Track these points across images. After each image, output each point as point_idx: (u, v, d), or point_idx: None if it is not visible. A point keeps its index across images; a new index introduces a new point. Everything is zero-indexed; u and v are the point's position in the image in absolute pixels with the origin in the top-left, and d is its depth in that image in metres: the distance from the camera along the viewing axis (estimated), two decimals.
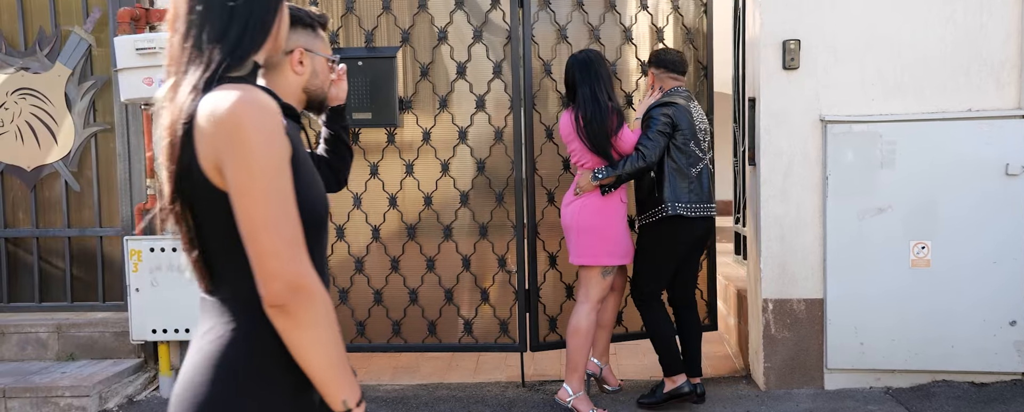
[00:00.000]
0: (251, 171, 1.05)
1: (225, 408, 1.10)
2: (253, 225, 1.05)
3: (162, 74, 3.83)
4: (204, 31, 1.13)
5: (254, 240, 1.06)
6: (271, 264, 1.05)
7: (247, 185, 1.05)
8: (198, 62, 1.11)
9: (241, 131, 1.05)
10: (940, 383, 3.41)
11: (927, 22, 3.34)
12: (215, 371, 1.10)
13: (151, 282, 3.55)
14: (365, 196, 3.61)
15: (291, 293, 1.05)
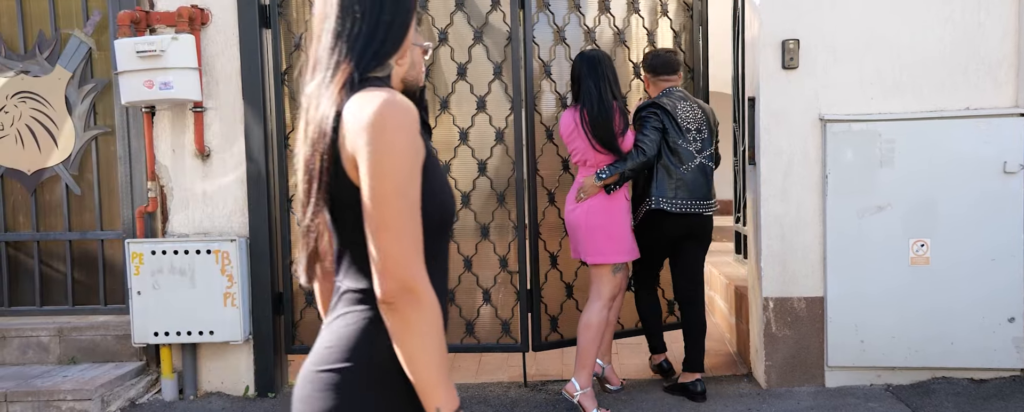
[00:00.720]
0: (383, 172, 1.09)
1: (355, 388, 1.15)
2: (376, 224, 1.10)
3: (162, 77, 3.73)
4: (351, 33, 1.19)
5: (375, 238, 1.11)
6: (387, 263, 1.09)
7: (377, 185, 1.10)
8: (345, 63, 1.18)
9: (381, 133, 1.10)
10: (940, 380, 3.43)
11: (926, 21, 3.36)
12: (348, 353, 1.16)
13: (153, 285, 3.55)
14: None
15: (401, 294, 1.09)
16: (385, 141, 1.09)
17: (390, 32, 1.21)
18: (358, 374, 1.15)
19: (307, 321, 3.68)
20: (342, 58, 1.18)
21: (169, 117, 3.66)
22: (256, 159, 3.60)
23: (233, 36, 3.58)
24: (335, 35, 1.19)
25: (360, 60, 1.18)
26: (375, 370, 1.15)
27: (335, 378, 1.15)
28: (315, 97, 1.18)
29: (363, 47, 1.19)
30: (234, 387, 3.70)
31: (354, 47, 1.19)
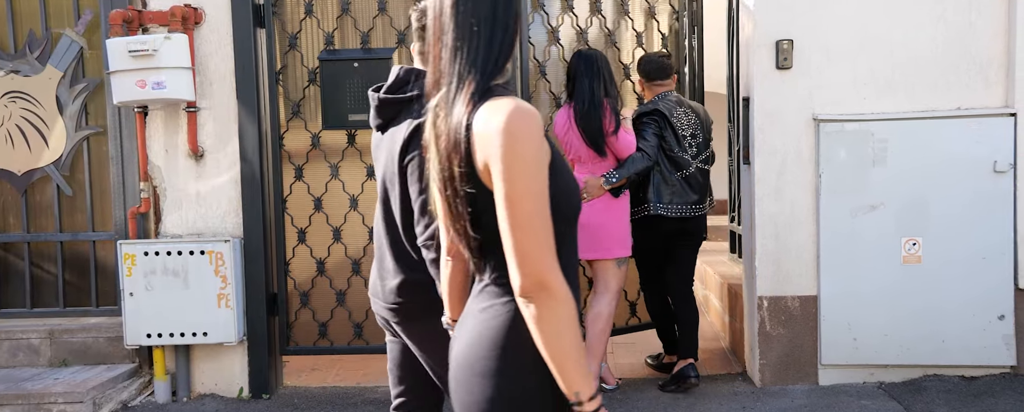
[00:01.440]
0: (515, 176, 1.18)
1: (502, 376, 1.25)
2: (511, 224, 1.19)
3: (154, 77, 3.71)
4: (471, 47, 1.27)
5: (511, 237, 1.19)
6: (522, 261, 1.18)
7: (510, 188, 1.18)
8: (469, 75, 1.26)
9: (511, 140, 1.18)
10: (931, 377, 3.47)
11: (918, 21, 3.40)
12: (493, 343, 1.27)
13: (145, 286, 3.52)
14: (362, 198, 3.61)
15: (536, 289, 1.18)
16: (516, 147, 1.18)
17: (504, 41, 1.29)
18: (513, 361, 1.25)
19: (302, 322, 3.67)
20: (465, 71, 1.26)
21: (162, 117, 3.64)
22: (250, 159, 3.58)
23: (227, 36, 3.56)
24: (454, 50, 1.27)
25: (483, 71, 1.26)
26: (527, 355, 1.23)
27: (492, 365, 1.26)
28: (442, 108, 1.27)
29: (484, 59, 1.27)
30: (228, 389, 3.68)
31: (475, 60, 1.26)
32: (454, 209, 1.28)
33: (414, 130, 1.79)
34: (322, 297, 3.66)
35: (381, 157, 1.93)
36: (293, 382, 3.86)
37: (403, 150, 1.82)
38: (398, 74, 1.90)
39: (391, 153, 1.88)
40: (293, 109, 3.62)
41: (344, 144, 3.60)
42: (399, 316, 1.90)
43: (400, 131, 1.85)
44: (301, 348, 3.69)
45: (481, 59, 1.27)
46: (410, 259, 1.86)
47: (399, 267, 1.88)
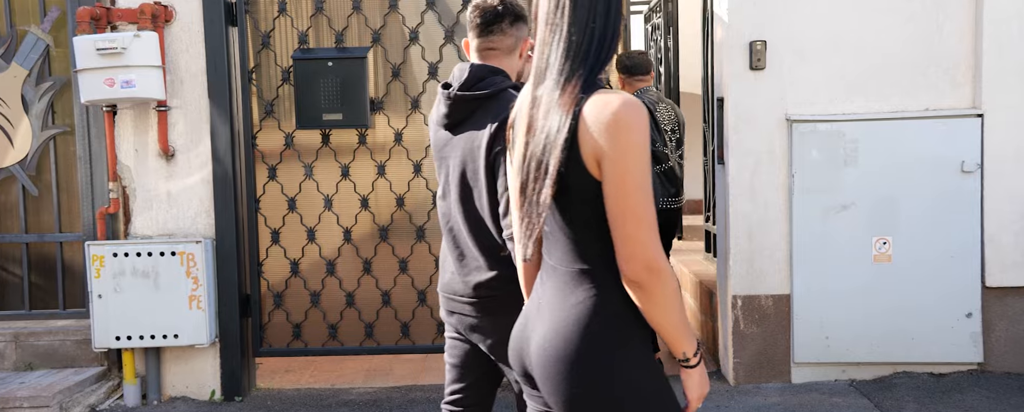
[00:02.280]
0: (628, 166, 1.25)
1: (602, 357, 1.32)
2: (623, 213, 1.25)
3: (123, 75, 3.67)
4: (583, 45, 1.32)
5: (622, 225, 1.26)
6: (634, 248, 1.25)
7: (623, 178, 1.25)
8: (583, 66, 1.31)
9: (626, 132, 1.25)
10: (901, 374, 3.52)
11: (888, 23, 3.44)
12: (587, 329, 1.32)
13: (114, 288, 3.46)
14: (336, 198, 3.58)
15: (647, 273, 1.26)
16: (629, 139, 1.25)
17: (612, 41, 1.34)
18: (606, 341, 1.32)
19: (275, 323, 3.63)
20: (576, 67, 1.31)
21: (131, 116, 3.58)
22: (223, 159, 3.53)
23: (198, 34, 3.51)
24: (567, 46, 1.32)
25: (594, 65, 1.32)
26: (616, 334, 1.32)
27: (586, 347, 1.31)
28: (545, 101, 1.32)
29: (595, 57, 1.32)
30: (200, 391, 3.63)
31: (586, 58, 1.31)
32: (537, 198, 1.31)
33: (499, 126, 1.82)
34: (296, 298, 3.62)
35: (455, 155, 1.93)
36: (267, 384, 3.82)
37: (490, 146, 1.84)
38: (471, 71, 1.89)
39: (472, 150, 1.88)
40: (266, 108, 3.58)
41: (318, 144, 3.57)
42: (480, 310, 1.91)
43: (483, 126, 1.86)
44: (275, 350, 3.65)
45: (593, 53, 1.32)
46: (497, 254, 1.88)
47: (486, 262, 1.88)
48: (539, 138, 1.31)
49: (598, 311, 1.33)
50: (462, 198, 1.92)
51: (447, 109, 1.92)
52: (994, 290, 3.46)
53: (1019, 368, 3.51)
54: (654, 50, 5.78)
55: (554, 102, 1.30)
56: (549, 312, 1.37)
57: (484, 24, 1.90)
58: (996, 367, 3.52)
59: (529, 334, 1.42)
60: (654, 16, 6.00)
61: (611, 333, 1.33)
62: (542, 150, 1.30)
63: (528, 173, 1.33)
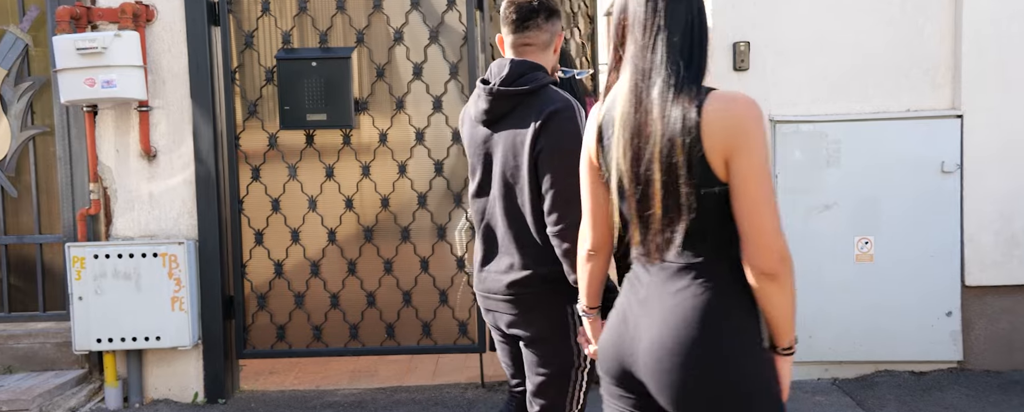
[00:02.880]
0: (757, 161, 1.31)
1: (728, 347, 1.35)
2: (756, 206, 1.31)
3: (104, 75, 3.64)
4: (692, 48, 1.37)
5: (756, 217, 1.31)
6: (768, 239, 1.30)
7: (754, 173, 1.31)
8: (693, 65, 1.36)
9: (755, 127, 1.32)
10: (882, 373, 3.55)
11: (870, 25, 3.48)
12: (713, 318, 1.35)
13: (95, 290, 3.42)
14: (321, 198, 3.56)
15: (780, 263, 1.31)
16: (759, 133, 1.32)
17: (707, 40, 1.40)
18: (731, 330, 1.36)
19: (259, 325, 3.61)
20: (686, 66, 1.36)
21: (112, 116, 3.54)
22: (205, 160, 3.51)
23: (180, 34, 3.48)
24: (670, 47, 1.36)
25: (702, 64, 1.38)
26: (738, 324, 1.36)
27: (713, 337, 1.35)
28: (658, 102, 1.35)
29: (700, 56, 1.37)
30: (182, 394, 3.60)
31: (692, 57, 1.37)
32: (671, 194, 1.34)
33: (543, 123, 1.83)
34: (280, 299, 3.60)
35: (495, 152, 1.93)
36: (250, 386, 3.80)
37: (533, 143, 1.84)
38: (511, 66, 1.90)
39: (514, 147, 1.88)
40: (250, 109, 3.55)
41: (303, 144, 3.55)
42: (518, 307, 1.93)
43: (526, 122, 1.86)
44: (258, 351, 3.63)
45: (697, 53, 1.37)
46: (537, 251, 1.89)
47: (522, 260, 1.90)
48: (660, 139, 1.34)
49: (720, 301, 1.36)
50: (503, 195, 1.92)
51: (488, 104, 1.91)
52: (974, 289, 3.50)
53: (998, 366, 3.56)
54: None
55: (670, 102, 1.34)
56: (664, 306, 1.39)
57: (520, 20, 1.92)
58: (975, 365, 3.56)
59: (635, 332, 1.42)
60: None
61: (734, 323, 1.37)
62: (669, 150, 1.33)
63: (648, 173, 1.36)
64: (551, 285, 1.89)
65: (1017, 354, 3.55)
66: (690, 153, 1.32)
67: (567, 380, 1.95)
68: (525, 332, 1.95)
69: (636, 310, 1.43)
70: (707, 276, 1.37)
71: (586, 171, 1.55)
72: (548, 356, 1.94)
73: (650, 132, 1.35)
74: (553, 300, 1.89)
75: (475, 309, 3.58)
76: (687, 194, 1.34)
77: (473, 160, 2.00)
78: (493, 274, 1.96)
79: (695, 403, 1.36)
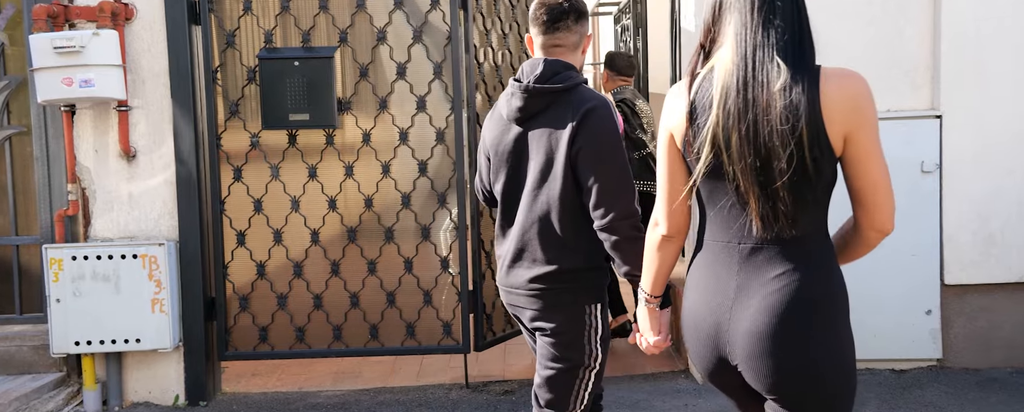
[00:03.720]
0: (875, 132, 1.42)
1: (835, 320, 1.46)
2: (880, 173, 1.44)
3: (82, 74, 3.61)
4: (799, 23, 1.45)
5: (879, 184, 1.45)
6: (891, 201, 1.46)
7: (875, 143, 1.42)
8: (803, 47, 1.44)
9: (870, 101, 1.43)
10: (863, 371, 3.59)
11: (850, 27, 3.51)
12: (822, 295, 1.44)
13: (73, 292, 3.38)
14: (304, 199, 3.53)
15: (892, 228, 1.48)
16: (874, 106, 1.43)
17: (808, 20, 1.50)
18: (837, 307, 1.47)
19: (241, 327, 3.57)
20: (799, 44, 1.44)
21: (91, 116, 3.49)
22: (186, 160, 3.47)
23: (160, 32, 3.44)
24: (788, 26, 1.44)
25: (811, 45, 1.46)
26: (842, 301, 1.49)
27: (823, 314, 1.44)
28: (778, 79, 1.40)
29: (808, 35, 1.47)
30: (163, 396, 3.56)
31: (804, 35, 1.46)
32: (795, 172, 1.40)
33: (581, 120, 1.87)
34: (262, 301, 3.57)
35: (527, 149, 1.96)
36: (232, 388, 3.76)
37: (571, 140, 1.87)
38: (546, 65, 1.95)
39: (549, 144, 1.92)
40: (231, 108, 3.52)
41: (285, 144, 3.52)
42: (540, 302, 1.96)
43: (562, 121, 1.90)
44: (240, 353, 3.60)
45: (806, 28, 1.45)
46: (563, 248, 1.93)
47: (548, 256, 1.94)
48: (781, 115, 1.38)
49: (826, 278, 1.45)
50: (534, 192, 1.95)
51: (523, 102, 1.94)
52: (953, 288, 3.54)
53: (976, 364, 3.60)
54: (623, 51, 5.82)
55: (789, 79, 1.39)
56: (766, 287, 1.44)
57: (550, 21, 1.96)
58: (954, 363, 3.61)
59: (735, 313, 1.46)
60: (623, 17, 6.04)
61: (839, 301, 1.46)
62: (793, 126, 1.38)
63: (769, 148, 1.40)
64: (575, 282, 1.94)
65: (995, 352, 3.60)
66: (812, 128, 1.39)
67: (574, 377, 1.99)
68: (545, 325, 1.99)
69: (730, 294, 1.47)
70: (810, 253, 1.45)
71: (667, 154, 1.56)
72: (561, 351, 1.98)
73: (768, 108, 1.39)
74: (575, 297, 1.94)
75: (459, 309, 3.57)
76: (808, 166, 1.40)
77: (498, 159, 2.02)
78: (518, 270, 1.99)
79: (806, 378, 1.44)
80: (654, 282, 1.69)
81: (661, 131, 1.59)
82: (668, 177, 1.57)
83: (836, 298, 1.46)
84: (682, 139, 1.52)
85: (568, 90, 1.93)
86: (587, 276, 1.95)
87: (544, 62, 1.95)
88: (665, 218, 1.60)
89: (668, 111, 1.56)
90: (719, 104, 1.43)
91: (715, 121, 1.43)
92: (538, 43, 2.01)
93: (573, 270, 1.93)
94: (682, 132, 1.51)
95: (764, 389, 1.46)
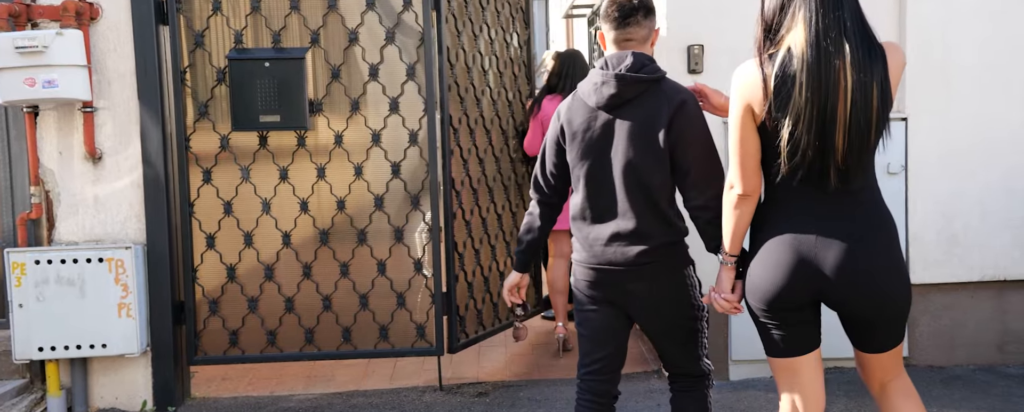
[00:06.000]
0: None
1: (899, 249, 1.87)
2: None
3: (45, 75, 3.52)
4: (856, 9, 1.78)
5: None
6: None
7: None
8: (866, 23, 1.78)
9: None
10: (832, 370, 3.64)
11: None
12: (893, 233, 1.85)
13: (37, 297, 3.31)
14: (274, 201, 3.49)
15: None
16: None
17: None
18: (896, 234, 1.87)
19: (211, 331, 3.52)
20: (863, 22, 1.77)
21: (55, 117, 3.42)
22: (154, 162, 3.41)
23: (126, 32, 3.38)
24: (854, 6, 1.77)
25: (867, 20, 1.80)
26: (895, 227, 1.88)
27: (896, 238, 1.85)
28: (855, 51, 1.71)
29: (863, 13, 1.80)
30: (130, 402, 3.50)
31: (867, 24, 1.78)
32: (871, 140, 1.76)
33: (677, 110, 2.06)
34: (233, 304, 3.52)
35: (619, 135, 2.10)
36: (202, 393, 3.71)
37: (668, 126, 2.05)
38: (634, 57, 2.10)
39: (642, 130, 2.08)
40: (201, 110, 3.47)
41: (256, 146, 3.48)
42: (646, 275, 2.14)
43: (657, 109, 2.07)
44: (210, 358, 3.55)
45: (864, 17, 1.77)
46: (661, 223, 2.12)
47: (651, 231, 2.11)
48: (862, 79, 1.70)
49: (890, 216, 1.86)
50: (627, 174, 2.11)
51: (616, 89, 2.08)
52: (918, 287, 3.61)
53: (940, 361, 3.68)
54: (597, 53, 5.86)
55: (871, 55, 1.72)
56: (873, 237, 1.81)
57: (622, 17, 2.13)
58: (920, 361, 3.68)
59: (828, 252, 1.79)
60: (597, 19, 6.06)
61: (896, 234, 1.85)
62: (881, 98, 1.72)
63: (866, 116, 1.71)
64: (676, 251, 2.16)
65: (958, 350, 3.68)
66: (883, 96, 1.71)
67: (694, 330, 2.24)
68: (656, 295, 2.16)
69: (815, 240, 1.80)
70: (877, 195, 1.83)
71: (742, 123, 1.84)
72: (676, 318, 2.20)
73: (842, 80, 1.69)
74: (676, 265, 2.17)
75: (433, 312, 3.56)
76: (875, 129, 1.73)
77: (585, 144, 2.16)
78: (617, 247, 2.13)
79: (899, 306, 1.84)
80: (732, 241, 1.94)
81: (736, 102, 1.84)
82: (741, 143, 1.85)
83: (896, 232, 1.84)
84: (762, 109, 1.78)
85: (657, 81, 2.11)
86: (682, 245, 2.19)
87: (632, 54, 2.11)
88: (740, 180, 1.86)
89: (744, 85, 1.83)
90: (799, 79, 1.70)
91: (798, 93, 1.71)
92: (610, 38, 2.16)
93: (675, 242, 2.15)
94: (760, 105, 1.78)
95: (864, 313, 1.85)
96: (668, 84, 2.13)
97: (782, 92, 1.74)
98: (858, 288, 1.80)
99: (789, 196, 1.84)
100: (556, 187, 2.30)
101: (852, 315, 1.90)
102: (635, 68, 2.09)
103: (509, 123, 4.08)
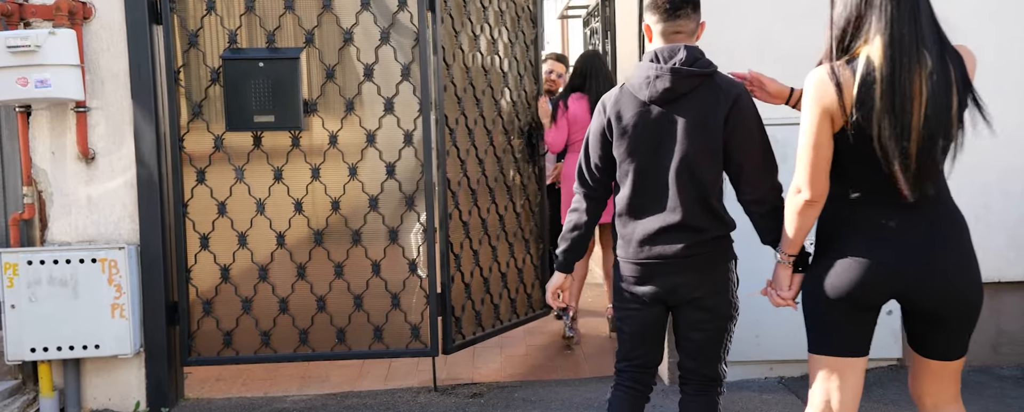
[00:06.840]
0: None
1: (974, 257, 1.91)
2: None
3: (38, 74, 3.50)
4: (932, 18, 1.83)
5: None
6: None
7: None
8: (941, 30, 1.84)
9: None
10: None
11: (811, 30, 3.50)
12: (963, 235, 1.89)
13: (29, 297, 3.29)
14: (269, 202, 3.48)
15: None
16: None
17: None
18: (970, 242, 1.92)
19: (205, 331, 3.51)
20: (938, 29, 1.83)
21: (47, 117, 3.41)
22: (147, 162, 3.40)
23: (120, 32, 3.37)
24: (930, 11, 1.82)
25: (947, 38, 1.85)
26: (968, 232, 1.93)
27: (970, 245, 1.91)
28: (936, 56, 1.76)
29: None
30: (123, 403, 3.49)
31: (942, 32, 1.83)
32: (947, 148, 1.80)
33: (734, 104, 2.08)
34: (227, 305, 3.51)
35: (673, 128, 2.10)
36: (196, 394, 3.70)
37: (726, 120, 2.07)
38: (687, 51, 2.10)
39: (698, 123, 2.08)
40: (194, 110, 3.45)
41: (250, 146, 3.47)
42: (693, 268, 2.15)
43: (712, 103, 2.08)
44: (204, 359, 3.54)
45: (939, 24, 1.82)
46: (712, 217, 2.14)
47: (702, 224, 2.12)
48: (947, 98, 1.74)
49: (963, 220, 1.90)
50: (680, 168, 2.10)
51: (671, 83, 2.07)
52: None
53: None
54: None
55: (947, 63, 1.76)
56: (949, 235, 1.86)
57: (672, 9, 2.12)
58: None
59: (904, 258, 1.83)
60: (592, 20, 6.07)
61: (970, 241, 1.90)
62: (958, 102, 1.76)
63: (943, 126, 1.76)
64: (723, 245, 2.18)
65: None
66: (961, 99, 1.77)
67: (724, 330, 2.25)
68: (700, 289, 2.17)
69: (894, 241, 1.83)
70: (950, 199, 1.89)
71: (817, 129, 1.83)
72: (715, 311, 2.20)
73: (920, 89, 1.73)
74: (722, 259, 2.19)
75: (427, 312, 3.55)
76: (954, 136, 1.79)
77: (636, 138, 2.14)
78: (666, 238, 2.13)
79: (972, 303, 1.87)
80: (793, 242, 1.97)
81: (812, 109, 1.84)
82: (815, 148, 1.83)
83: (969, 234, 1.89)
84: (841, 116, 1.80)
85: (711, 74, 2.11)
86: (729, 239, 2.20)
87: (685, 48, 2.10)
88: (808, 185, 1.86)
89: (821, 92, 1.83)
90: (879, 89, 1.72)
91: (878, 101, 1.73)
92: (657, 31, 2.15)
93: (722, 237, 2.17)
94: (838, 110, 1.80)
95: (942, 312, 1.88)
96: (721, 78, 2.14)
97: (865, 102, 1.75)
98: (935, 286, 1.84)
99: (865, 200, 1.87)
100: (601, 180, 2.27)
101: (926, 312, 1.90)
102: (689, 62, 2.07)
103: (513, 123, 4.05)
